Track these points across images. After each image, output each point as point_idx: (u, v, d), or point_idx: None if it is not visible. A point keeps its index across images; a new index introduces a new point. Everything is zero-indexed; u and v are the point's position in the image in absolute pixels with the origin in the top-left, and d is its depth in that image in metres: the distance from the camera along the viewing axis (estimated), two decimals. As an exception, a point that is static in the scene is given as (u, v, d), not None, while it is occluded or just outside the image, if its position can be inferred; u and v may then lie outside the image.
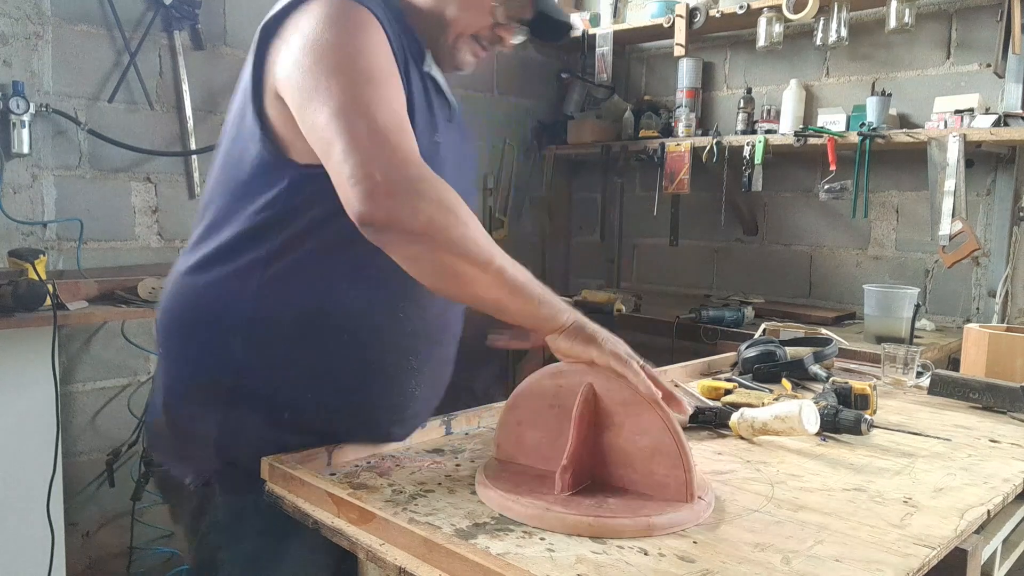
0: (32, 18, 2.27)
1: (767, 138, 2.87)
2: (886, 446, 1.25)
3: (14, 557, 2.03)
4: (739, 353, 1.79)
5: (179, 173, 2.60)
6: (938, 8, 2.75)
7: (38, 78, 2.29)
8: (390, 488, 1.02)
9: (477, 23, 1.15)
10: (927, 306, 2.80)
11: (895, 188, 2.91)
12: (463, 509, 0.96)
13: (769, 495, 1.03)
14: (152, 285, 2.19)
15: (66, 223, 2.36)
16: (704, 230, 3.43)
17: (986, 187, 2.70)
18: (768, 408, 1.26)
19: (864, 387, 1.45)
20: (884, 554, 0.85)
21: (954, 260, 2.48)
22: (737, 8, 2.90)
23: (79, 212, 2.38)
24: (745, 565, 0.82)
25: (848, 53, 2.95)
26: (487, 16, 1.15)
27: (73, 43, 2.35)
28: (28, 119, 2.21)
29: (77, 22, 2.36)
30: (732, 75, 3.34)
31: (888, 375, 1.74)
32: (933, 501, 1.01)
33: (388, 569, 0.85)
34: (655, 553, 0.85)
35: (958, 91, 2.68)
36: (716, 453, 1.21)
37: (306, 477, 0.98)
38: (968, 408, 1.52)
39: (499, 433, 1.09)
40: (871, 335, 2.39)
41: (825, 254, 3.12)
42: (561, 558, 0.83)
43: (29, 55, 2.27)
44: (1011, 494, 1.08)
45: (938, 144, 2.48)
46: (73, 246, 2.37)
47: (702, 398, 1.51)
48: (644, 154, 3.30)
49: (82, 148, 2.39)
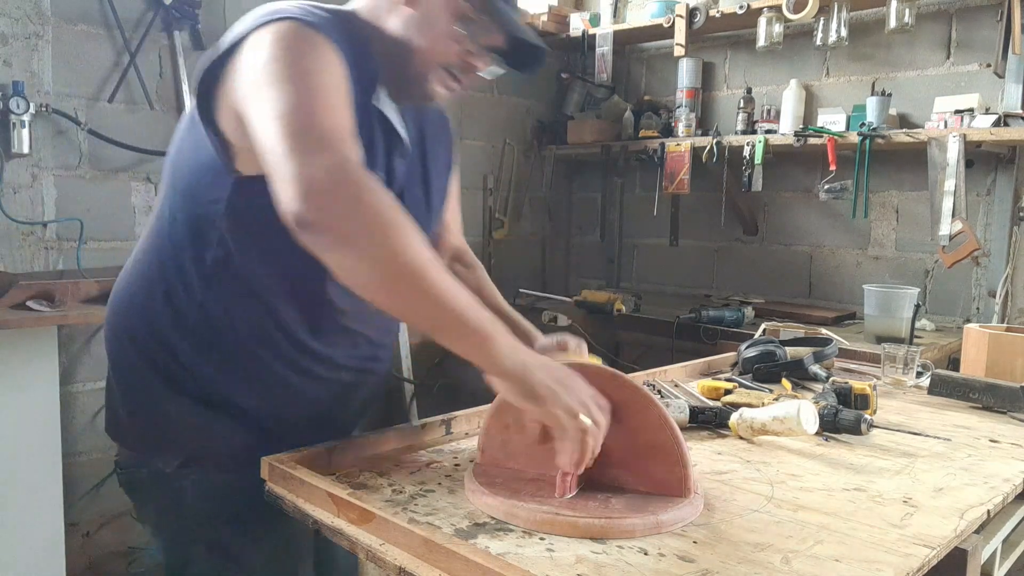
0: (32, 18, 2.27)
1: (767, 138, 2.88)
2: (886, 446, 1.25)
3: (14, 557, 2.03)
4: (739, 353, 1.79)
5: (179, 173, 2.60)
6: (938, 8, 2.76)
7: (38, 78, 2.29)
8: (390, 488, 1.02)
9: (445, 52, 1.11)
10: (927, 306, 2.80)
11: (895, 188, 2.91)
12: (463, 509, 0.96)
13: (769, 495, 1.03)
14: (152, 285, 2.19)
15: (66, 223, 2.36)
16: (704, 230, 3.43)
17: (986, 187, 2.70)
18: (767, 409, 1.26)
19: (864, 387, 1.45)
20: (884, 554, 0.85)
21: (954, 260, 2.48)
22: (737, 8, 2.90)
23: (79, 212, 2.38)
24: (745, 565, 0.82)
25: (848, 53, 2.95)
26: (454, 44, 1.11)
27: (73, 43, 2.35)
28: (28, 119, 2.21)
29: (77, 22, 2.36)
30: (732, 75, 3.34)
31: (888, 375, 1.74)
32: (933, 501, 1.01)
33: (388, 569, 0.85)
34: (655, 553, 0.85)
35: (958, 91, 2.68)
36: (716, 453, 1.21)
37: (306, 477, 0.98)
38: (968, 408, 1.52)
39: (484, 439, 1.08)
40: (871, 335, 2.39)
41: (825, 254, 3.12)
42: (561, 558, 0.83)
43: (29, 55, 2.27)
44: (1011, 494, 1.08)
45: (938, 144, 2.48)
46: (73, 246, 2.37)
47: (702, 398, 1.51)
48: (644, 154, 3.30)
49: (82, 148, 2.39)
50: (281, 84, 0.95)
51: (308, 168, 0.89)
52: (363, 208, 0.89)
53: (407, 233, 0.90)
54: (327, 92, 0.97)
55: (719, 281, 3.44)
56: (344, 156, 0.92)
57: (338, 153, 0.92)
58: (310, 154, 0.91)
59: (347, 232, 0.88)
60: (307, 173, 0.89)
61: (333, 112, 0.96)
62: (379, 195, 0.90)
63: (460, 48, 1.12)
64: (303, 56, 0.98)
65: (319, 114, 0.94)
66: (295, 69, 0.97)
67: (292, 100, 0.94)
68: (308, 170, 0.89)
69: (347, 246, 0.89)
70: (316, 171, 0.89)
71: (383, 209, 0.90)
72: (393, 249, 0.89)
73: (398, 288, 0.91)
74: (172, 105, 2.57)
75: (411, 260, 0.89)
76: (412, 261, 0.89)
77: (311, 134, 0.92)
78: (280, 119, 0.93)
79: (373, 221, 0.89)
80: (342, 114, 0.98)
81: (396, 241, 0.89)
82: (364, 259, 0.89)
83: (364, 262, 0.90)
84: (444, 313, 0.91)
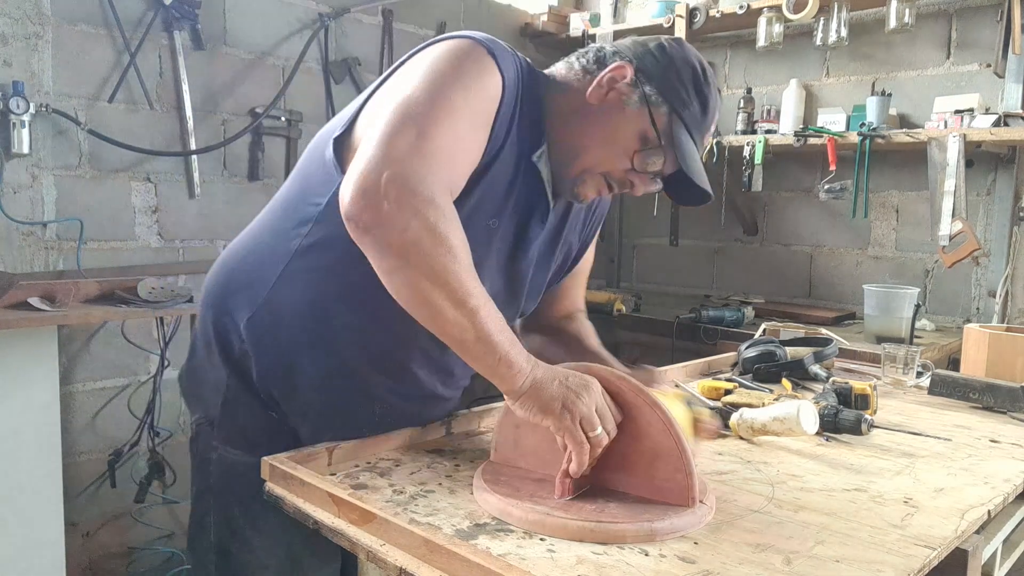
0: (32, 18, 2.27)
1: (767, 138, 2.87)
2: (886, 446, 1.25)
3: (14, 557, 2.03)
4: (739, 353, 1.79)
5: (179, 173, 2.60)
6: (938, 8, 2.76)
7: (38, 78, 2.29)
8: (390, 488, 1.02)
9: (612, 164, 1.09)
10: (927, 306, 2.80)
11: (895, 188, 2.91)
12: (464, 509, 0.96)
13: (769, 495, 1.03)
14: (152, 285, 2.19)
15: (66, 223, 2.36)
16: (704, 230, 3.43)
17: (986, 187, 2.70)
18: (767, 409, 1.26)
19: (864, 387, 1.45)
20: (885, 554, 0.85)
21: (954, 260, 2.48)
22: (737, 8, 2.90)
23: (79, 212, 2.37)
24: (746, 566, 0.82)
25: (848, 53, 2.95)
26: (625, 160, 1.08)
27: (73, 43, 2.35)
28: (28, 119, 2.21)
29: (77, 22, 2.35)
30: (732, 75, 3.34)
31: (888, 375, 1.74)
32: (933, 501, 1.01)
33: (389, 570, 0.85)
34: (656, 554, 0.85)
35: (958, 91, 2.68)
36: (716, 453, 1.21)
37: (306, 477, 0.98)
38: (968, 408, 1.52)
39: (497, 436, 1.09)
40: (871, 335, 2.39)
41: (825, 254, 3.12)
42: (562, 559, 0.83)
43: (29, 55, 2.26)
44: (1011, 494, 1.08)
45: (938, 144, 2.48)
46: (73, 246, 2.37)
47: (702, 398, 1.51)
48: (644, 154, 3.29)
49: (82, 148, 2.39)
50: (426, 78, 0.95)
51: (383, 167, 0.89)
52: (416, 223, 0.88)
53: (454, 255, 0.90)
54: (461, 113, 0.96)
55: (719, 281, 3.44)
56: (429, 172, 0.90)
57: (424, 167, 0.90)
58: (397, 154, 0.90)
59: (391, 242, 0.89)
60: (378, 172, 0.89)
61: (454, 132, 0.95)
62: (441, 216, 0.89)
63: (629, 164, 1.09)
64: (466, 71, 0.97)
65: (437, 124, 0.93)
66: (450, 74, 0.96)
67: (423, 97, 0.94)
68: (382, 168, 0.89)
69: (390, 256, 0.90)
70: (390, 174, 0.88)
71: (438, 229, 0.89)
72: (434, 270, 0.89)
73: (429, 303, 0.91)
74: (172, 105, 2.57)
75: (450, 283, 0.90)
76: (450, 284, 0.90)
77: (413, 137, 0.91)
78: (396, 110, 0.93)
79: (422, 239, 0.88)
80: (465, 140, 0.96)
81: (439, 260, 0.89)
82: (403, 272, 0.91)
83: (402, 276, 0.91)
84: (472, 338, 0.92)
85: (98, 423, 2.48)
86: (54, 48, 2.31)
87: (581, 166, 1.10)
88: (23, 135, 2.21)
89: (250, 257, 1.15)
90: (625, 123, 1.08)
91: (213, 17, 2.60)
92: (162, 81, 2.54)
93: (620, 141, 1.08)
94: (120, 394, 2.52)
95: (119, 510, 2.50)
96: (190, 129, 2.59)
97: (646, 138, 1.08)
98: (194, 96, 2.59)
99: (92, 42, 2.39)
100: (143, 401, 2.53)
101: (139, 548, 2.55)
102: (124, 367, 2.53)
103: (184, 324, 2.47)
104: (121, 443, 2.48)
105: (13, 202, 2.26)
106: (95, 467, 2.47)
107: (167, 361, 2.52)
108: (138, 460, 2.52)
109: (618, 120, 1.08)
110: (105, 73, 2.42)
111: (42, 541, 2.07)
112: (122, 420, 2.51)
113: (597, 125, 1.09)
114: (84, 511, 2.46)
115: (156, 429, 2.52)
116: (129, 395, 2.53)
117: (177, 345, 2.50)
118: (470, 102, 0.97)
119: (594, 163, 1.10)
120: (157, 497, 2.52)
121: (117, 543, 2.53)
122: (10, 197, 2.25)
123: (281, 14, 2.75)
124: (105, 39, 2.41)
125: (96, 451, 2.48)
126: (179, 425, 2.64)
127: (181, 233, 2.58)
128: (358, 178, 0.90)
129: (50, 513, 2.09)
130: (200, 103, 2.61)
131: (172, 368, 2.57)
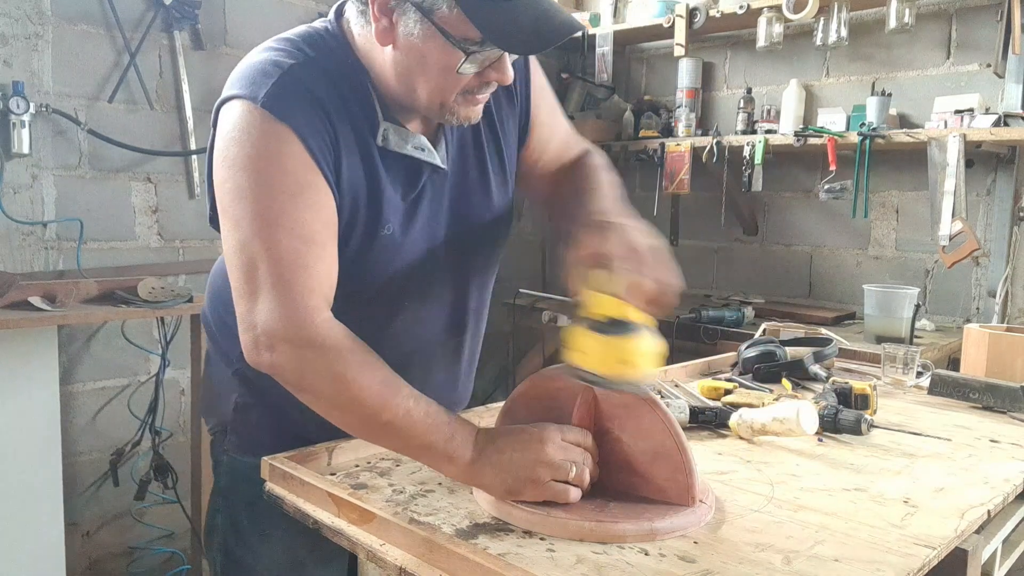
0: (32, 18, 2.27)
1: (767, 138, 2.87)
2: (886, 446, 1.25)
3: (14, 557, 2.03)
4: (739, 353, 1.79)
5: (179, 173, 2.60)
6: (938, 8, 2.75)
7: (38, 78, 2.29)
8: (390, 488, 1.02)
9: (454, 85, 0.98)
10: (927, 306, 2.80)
11: (895, 188, 2.91)
12: (463, 509, 0.96)
13: (769, 495, 1.03)
14: (152, 285, 2.19)
15: (66, 223, 2.36)
16: (704, 230, 3.43)
17: (986, 187, 2.70)
18: (766, 409, 1.26)
19: (864, 387, 1.45)
20: (884, 554, 0.85)
21: (954, 260, 2.48)
22: (737, 8, 2.90)
23: (79, 212, 2.38)
24: (746, 565, 0.82)
25: (848, 53, 2.95)
26: (455, 77, 0.97)
27: (73, 43, 2.35)
28: (28, 119, 2.21)
29: (77, 22, 2.36)
30: (732, 75, 3.34)
31: (888, 375, 1.73)
32: (933, 501, 1.01)
33: (389, 569, 0.85)
34: (656, 553, 0.85)
35: (958, 91, 2.68)
36: (716, 453, 1.21)
37: (306, 477, 0.98)
38: (968, 408, 1.52)
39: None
40: (871, 335, 2.39)
41: (825, 254, 3.12)
42: (562, 558, 0.83)
43: (29, 55, 2.27)
44: (1011, 494, 1.08)
45: (938, 144, 2.48)
46: (73, 246, 2.37)
47: (702, 398, 1.51)
48: (644, 154, 3.30)
49: (82, 148, 2.39)
50: (240, 199, 0.94)
51: (254, 316, 0.94)
52: (307, 371, 0.95)
53: (356, 382, 0.93)
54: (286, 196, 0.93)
55: (719, 281, 3.44)
56: (294, 305, 0.93)
57: (287, 302, 0.93)
58: (259, 302, 0.94)
59: (294, 386, 0.96)
60: (252, 323, 0.94)
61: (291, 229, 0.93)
62: (324, 354, 0.94)
63: (471, 76, 0.98)
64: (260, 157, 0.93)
65: (274, 240, 0.93)
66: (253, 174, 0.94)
67: (250, 225, 0.94)
68: (254, 318, 0.94)
69: (304, 392, 0.97)
70: (263, 324, 0.93)
71: (328, 370, 0.94)
72: (341, 406, 0.96)
73: (350, 427, 0.99)
74: (172, 105, 2.57)
75: (359, 410, 0.95)
76: (361, 409, 0.95)
77: (263, 275, 0.94)
78: (237, 252, 0.95)
79: (318, 384, 0.95)
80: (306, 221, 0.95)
81: (341, 397, 0.95)
82: (320, 404, 0.97)
83: (321, 406, 0.97)
84: (405, 447, 0.99)
85: (98, 423, 2.48)
86: (54, 48, 2.31)
87: (435, 104, 1.00)
88: (23, 135, 2.21)
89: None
90: (425, 43, 0.94)
91: (213, 17, 2.60)
92: (162, 81, 2.54)
93: (436, 63, 0.96)
94: (120, 394, 2.52)
95: (119, 510, 2.50)
96: (190, 129, 2.59)
97: (454, 41, 0.93)
98: (194, 96, 2.59)
99: (92, 42, 2.39)
100: (143, 401, 2.53)
101: (139, 548, 2.55)
102: (124, 367, 2.53)
103: (184, 324, 2.47)
104: (121, 443, 2.48)
105: (13, 202, 2.26)
106: (95, 467, 2.47)
107: (167, 361, 2.52)
108: (139, 460, 2.52)
109: (410, 45, 0.95)
110: (105, 73, 2.42)
111: (42, 541, 2.07)
112: (122, 420, 2.51)
113: (402, 65, 0.98)
114: (84, 511, 2.46)
115: (157, 429, 2.53)
116: (129, 395, 2.53)
117: (177, 345, 2.50)
118: (288, 185, 0.94)
119: (442, 96, 0.99)
120: (157, 497, 2.53)
121: (117, 543, 2.53)
122: (10, 197, 2.26)
123: (281, 14, 2.75)
124: (105, 39, 2.42)
125: (96, 451, 2.48)
126: (179, 425, 2.64)
127: (181, 233, 2.58)
128: (242, 336, 0.96)
129: (50, 513, 2.09)
130: (200, 103, 2.61)
131: (172, 368, 2.57)
